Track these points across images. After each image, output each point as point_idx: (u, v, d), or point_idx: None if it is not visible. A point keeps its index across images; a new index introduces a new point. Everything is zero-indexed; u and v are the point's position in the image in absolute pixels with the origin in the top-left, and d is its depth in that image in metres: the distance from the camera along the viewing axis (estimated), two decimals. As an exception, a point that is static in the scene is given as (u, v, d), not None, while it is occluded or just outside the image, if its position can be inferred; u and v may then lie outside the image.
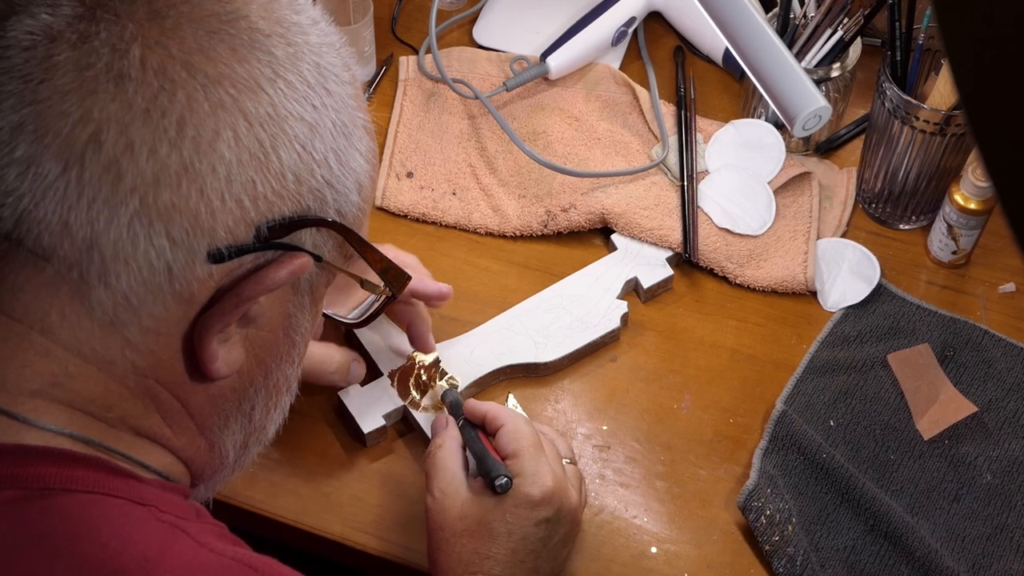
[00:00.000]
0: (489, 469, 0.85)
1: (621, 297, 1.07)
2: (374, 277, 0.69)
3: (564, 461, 0.89)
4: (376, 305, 0.76)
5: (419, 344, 1.00)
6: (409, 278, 0.71)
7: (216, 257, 0.58)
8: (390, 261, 0.68)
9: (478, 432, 0.90)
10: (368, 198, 0.66)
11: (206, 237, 0.57)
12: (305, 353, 0.70)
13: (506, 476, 0.84)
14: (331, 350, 0.95)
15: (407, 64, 1.25)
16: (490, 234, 1.13)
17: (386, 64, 1.26)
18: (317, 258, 0.63)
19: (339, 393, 0.99)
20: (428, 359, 1.01)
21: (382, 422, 0.98)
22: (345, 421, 1.00)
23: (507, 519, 0.83)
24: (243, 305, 0.60)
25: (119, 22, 0.57)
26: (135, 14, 0.57)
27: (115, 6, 0.57)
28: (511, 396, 1.00)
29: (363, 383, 1.00)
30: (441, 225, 1.14)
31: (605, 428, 1.01)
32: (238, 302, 0.60)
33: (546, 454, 0.87)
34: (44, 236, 0.56)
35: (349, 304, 0.91)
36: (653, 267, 1.09)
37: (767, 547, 0.93)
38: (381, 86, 1.25)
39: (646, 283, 1.07)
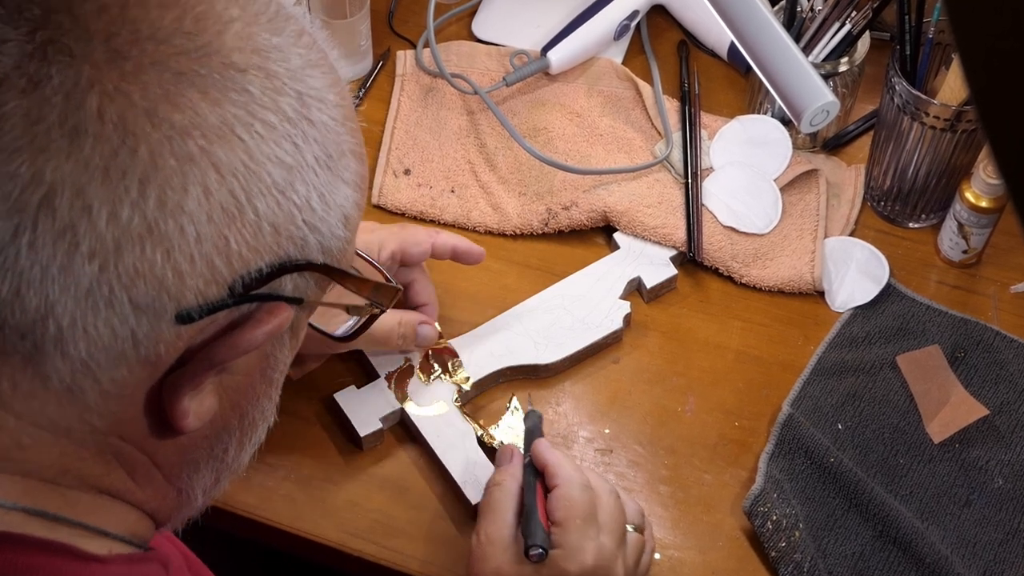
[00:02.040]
0: (528, 533, 0.83)
1: (624, 297, 1.07)
2: (358, 300, 0.67)
3: (629, 528, 0.88)
4: (363, 321, 0.72)
5: (425, 306, 1.00)
6: (398, 292, 0.68)
7: (185, 319, 0.54)
8: (376, 282, 0.65)
9: (537, 481, 0.88)
10: (355, 227, 0.62)
11: (173, 300, 0.53)
12: (283, 381, 0.66)
13: (542, 547, 0.82)
14: (391, 321, 0.95)
15: (404, 59, 1.25)
16: (489, 232, 1.13)
17: (383, 59, 1.26)
18: (298, 300, 0.59)
19: (335, 395, 1.00)
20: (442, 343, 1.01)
21: (379, 425, 0.98)
22: (341, 424, 1.00)
23: None
24: (214, 368, 0.57)
25: (74, 64, 0.51)
26: (92, 54, 0.52)
27: (69, 44, 0.52)
28: (515, 398, 1.00)
29: (359, 385, 1.00)
30: (439, 223, 1.14)
31: (607, 431, 1.01)
32: (210, 365, 0.56)
33: (598, 525, 0.84)
34: None
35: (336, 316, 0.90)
36: (656, 266, 1.09)
37: (773, 553, 0.93)
38: (378, 81, 1.25)
39: (649, 283, 1.08)
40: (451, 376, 1.00)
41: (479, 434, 0.98)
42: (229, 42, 0.54)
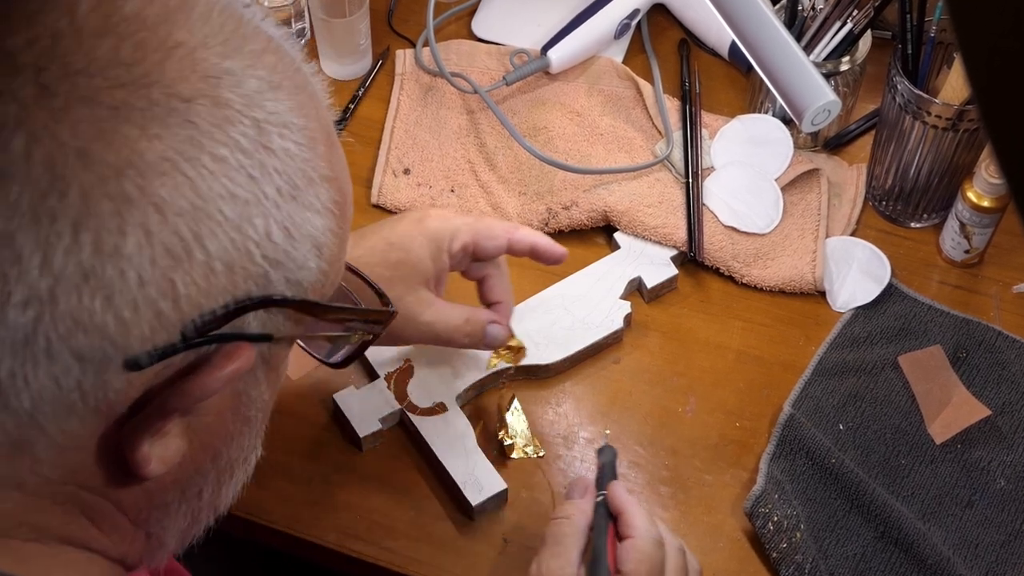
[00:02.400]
0: None
1: (624, 297, 1.07)
2: (339, 328, 0.63)
3: None
4: (355, 348, 0.67)
5: (498, 304, 0.95)
6: (392, 315, 0.64)
7: (133, 366, 0.51)
8: (364, 309, 0.62)
9: (609, 524, 0.85)
10: (332, 254, 0.57)
11: (119, 349, 0.50)
12: (268, 416, 0.62)
13: None
14: (457, 319, 0.92)
15: (404, 58, 1.25)
16: (489, 232, 1.13)
17: (382, 58, 1.26)
18: (266, 337, 0.55)
19: (335, 396, 0.99)
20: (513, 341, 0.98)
21: (378, 426, 0.98)
22: (340, 424, 1.00)
23: None
24: (172, 415, 0.53)
25: (0, 102, 0.48)
26: (19, 91, 0.48)
27: None
28: (516, 400, 1.00)
29: (359, 386, 1.00)
30: (439, 223, 1.14)
31: (608, 432, 1.01)
32: (165, 414, 0.53)
33: None
34: None
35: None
36: (657, 266, 1.09)
37: (775, 554, 0.93)
38: (377, 80, 1.25)
39: (650, 283, 1.08)
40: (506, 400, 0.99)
41: (499, 435, 0.98)
42: (172, 70, 0.50)
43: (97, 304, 0.49)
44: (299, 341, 0.63)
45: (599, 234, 1.13)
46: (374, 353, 1.02)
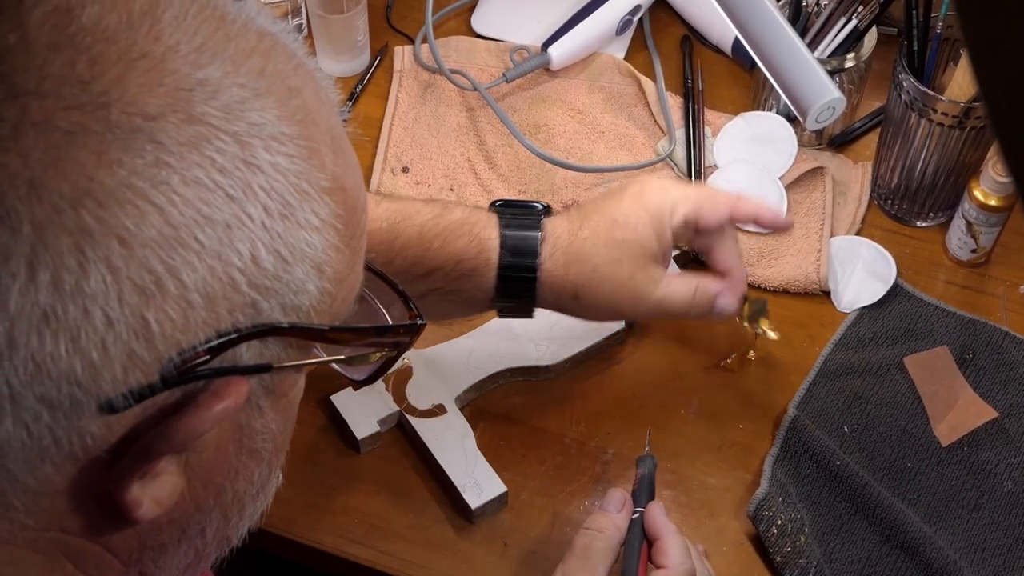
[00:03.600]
0: None
1: (626, 297, 1.07)
2: (362, 349, 0.59)
3: None
4: (382, 363, 0.61)
5: (728, 272, 0.94)
6: (421, 328, 0.58)
7: (108, 409, 0.47)
8: (381, 326, 0.58)
9: (643, 545, 0.84)
10: (337, 272, 0.52)
11: (92, 394, 0.46)
12: (286, 444, 0.59)
13: None
14: (686, 292, 0.91)
15: (402, 54, 1.25)
16: (489, 232, 1.13)
17: (380, 54, 1.26)
18: (264, 368, 0.51)
19: (332, 397, 1.00)
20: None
21: (376, 427, 0.98)
22: (337, 426, 1.00)
23: None
24: (159, 458, 0.49)
25: None
26: None
27: None
28: (648, 432, 0.97)
29: (356, 387, 1.00)
30: (438, 222, 1.14)
31: (609, 434, 1.01)
32: (150, 457, 0.49)
33: None
34: None
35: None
36: (659, 266, 1.09)
37: (779, 558, 0.93)
38: (375, 77, 1.25)
39: (652, 283, 1.07)
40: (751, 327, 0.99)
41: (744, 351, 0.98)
42: (135, 85, 0.46)
43: (61, 347, 0.45)
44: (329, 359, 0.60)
45: (600, 233, 1.13)
46: (372, 354, 1.02)
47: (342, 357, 0.58)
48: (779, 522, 0.94)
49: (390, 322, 0.60)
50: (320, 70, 0.54)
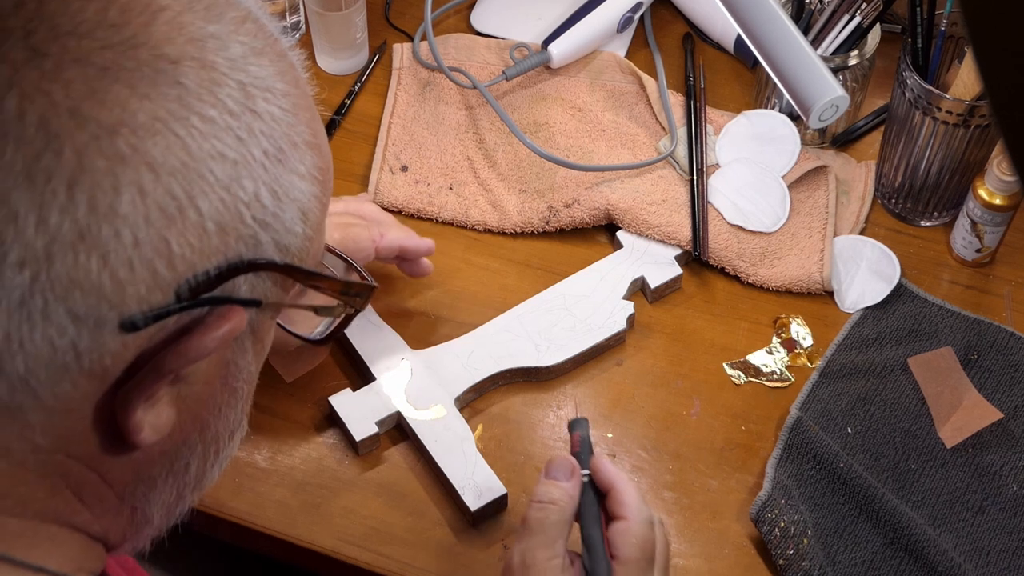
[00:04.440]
0: (596, 572, 0.79)
1: (627, 297, 1.07)
2: (328, 300, 0.64)
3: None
4: (337, 323, 0.68)
5: (418, 272, 1.03)
6: (373, 289, 0.65)
7: (129, 327, 0.52)
8: (347, 280, 0.63)
9: (600, 510, 0.83)
10: (316, 222, 0.59)
11: (115, 308, 0.51)
12: (252, 392, 0.64)
13: None
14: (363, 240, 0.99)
15: (401, 52, 1.25)
16: (489, 231, 1.13)
17: (379, 52, 1.26)
18: (255, 303, 0.57)
19: (330, 399, 1.00)
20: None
21: (375, 429, 0.98)
22: (336, 428, 1.00)
23: None
24: (164, 378, 0.54)
25: None
26: (9, 53, 0.50)
27: None
28: (575, 402, 0.98)
29: (355, 388, 1.00)
30: (437, 221, 1.14)
31: (610, 435, 1.01)
32: (159, 376, 0.54)
33: (656, 567, 0.82)
34: None
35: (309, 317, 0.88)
36: (661, 266, 1.09)
37: (781, 561, 0.93)
38: (374, 75, 1.25)
39: (653, 283, 1.08)
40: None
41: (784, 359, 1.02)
42: (159, 32, 0.52)
43: (93, 263, 0.50)
44: (280, 322, 0.65)
45: (601, 233, 1.13)
46: (370, 355, 1.02)
47: (316, 304, 0.63)
48: (782, 525, 0.94)
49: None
50: (291, 47, 0.60)
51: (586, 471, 0.84)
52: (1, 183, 0.49)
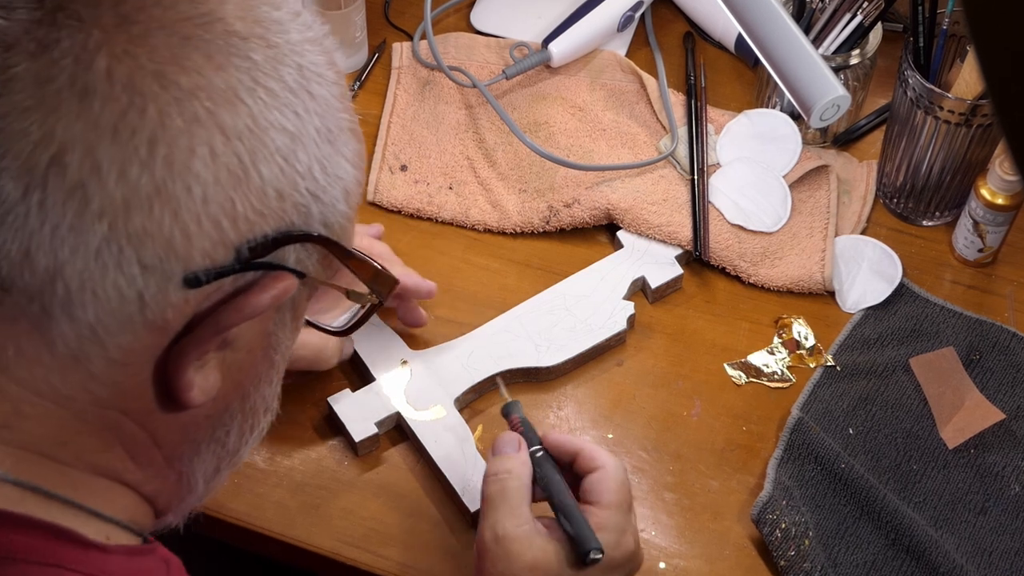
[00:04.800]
0: (583, 536, 0.81)
1: (628, 297, 1.07)
2: (359, 285, 0.68)
3: None
4: (362, 313, 0.73)
5: (412, 319, 1.03)
6: (397, 282, 0.69)
7: (192, 282, 0.56)
8: (378, 268, 0.67)
9: (565, 484, 0.85)
10: (355, 204, 0.64)
11: (181, 262, 0.56)
12: (283, 371, 0.68)
13: (601, 550, 0.80)
14: (335, 344, 0.98)
15: (401, 51, 1.25)
16: (489, 231, 1.13)
17: (378, 51, 1.26)
18: (300, 275, 0.61)
19: (329, 399, 1.00)
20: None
21: (374, 430, 0.98)
22: (335, 429, 1.00)
23: None
24: (221, 333, 0.58)
25: (83, 28, 0.54)
26: (100, 19, 0.54)
27: (78, 10, 0.55)
28: (500, 381, 0.99)
29: (354, 388, 1.00)
30: (437, 221, 1.14)
31: (610, 436, 1.01)
32: (217, 330, 0.58)
33: (632, 510, 0.85)
34: (3, 266, 0.54)
35: (332, 310, 0.91)
36: (662, 266, 1.09)
37: (782, 562, 0.93)
38: (373, 74, 1.25)
39: (654, 283, 1.08)
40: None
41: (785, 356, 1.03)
42: (231, 11, 0.57)
43: (166, 216, 0.55)
44: (307, 317, 0.69)
45: (602, 232, 1.13)
46: (370, 355, 1.02)
47: (347, 288, 0.67)
48: (783, 526, 0.94)
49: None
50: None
51: (537, 447, 0.86)
52: (88, 135, 0.53)
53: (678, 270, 1.09)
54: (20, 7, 0.55)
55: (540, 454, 0.86)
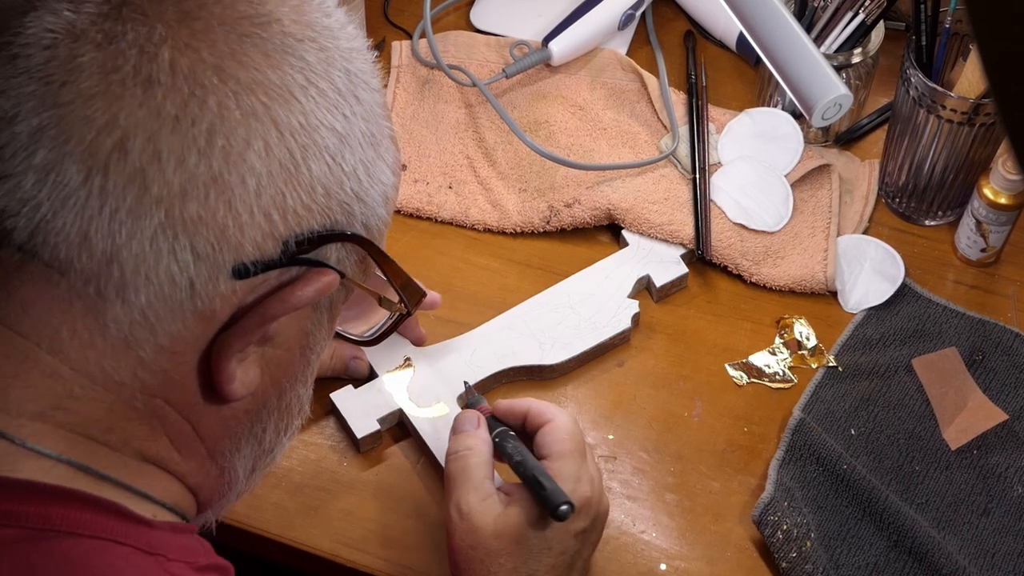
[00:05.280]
0: (553, 493, 0.82)
1: (632, 296, 1.07)
2: (391, 293, 0.70)
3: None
4: (390, 323, 0.76)
5: (412, 335, 1.03)
6: (424, 294, 0.72)
7: (241, 273, 0.59)
8: (409, 276, 0.70)
9: (524, 447, 0.87)
10: (391, 210, 0.67)
11: (232, 252, 0.58)
12: (315, 373, 0.71)
13: (570, 503, 0.82)
14: (324, 355, 0.98)
15: (400, 49, 1.25)
16: (488, 230, 1.14)
17: (378, 49, 1.26)
18: (340, 274, 0.63)
19: (332, 395, 1.00)
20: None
21: (377, 426, 0.98)
22: (335, 427, 1.00)
23: (546, 534, 0.83)
24: (266, 324, 0.61)
25: (147, 22, 0.57)
26: (164, 14, 0.57)
27: (143, 5, 0.57)
28: (466, 383, 0.99)
29: (357, 385, 1.01)
30: (436, 221, 1.14)
31: (611, 437, 1.01)
32: (262, 320, 0.60)
33: (587, 457, 0.87)
34: (61, 248, 0.57)
35: (355, 320, 0.92)
36: (667, 264, 1.09)
37: (784, 564, 0.93)
38: (372, 73, 1.25)
39: (659, 281, 1.08)
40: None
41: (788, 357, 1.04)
42: (287, 15, 0.60)
43: (220, 206, 0.57)
44: (337, 327, 0.72)
45: (602, 232, 1.13)
46: (373, 352, 1.02)
47: (380, 294, 0.69)
48: (785, 527, 0.94)
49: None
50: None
51: (499, 428, 0.89)
52: (150, 123, 0.56)
53: (683, 269, 1.09)
54: (88, 1, 0.57)
55: (499, 431, 0.89)
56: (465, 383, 0.97)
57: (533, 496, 0.84)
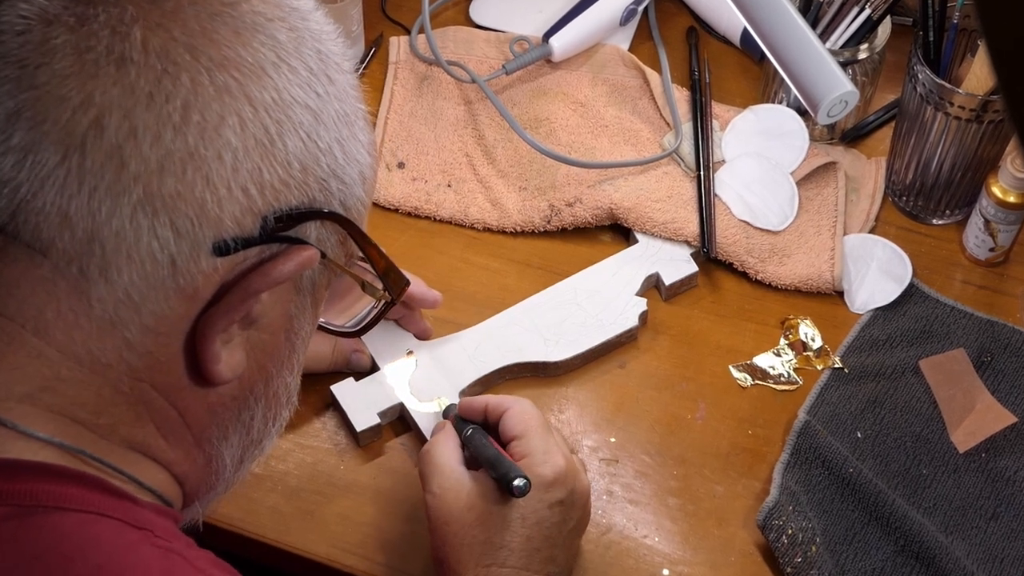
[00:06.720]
0: (506, 470, 0.85)
1: (640, 294, 1.07)
2: (374, 279, 0.71)
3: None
4: (374, 312, 0.78)
5: (416, 328, 1.04)
6: (408, 283, 0.73)
7: (222, 249, 0.60)
8: (391, 262, 0.70)
9: (488, 437, 0.90)
10: (370, 192, 0.68)
11: (212, 228, 0.59)
12: (303, 364, 0.72)
13: (525, 477, 0.84)
14: (326, 347, 1.01)
15: (398, 45, 1.25)
16: (488, 230, 1.14)
17: (375, 45, 1.26)
18: (321, 254, 0.65)
19: (332, 388, 1.00)
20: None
21: (377, 420, 0.99)
22: (334, 427, 1.00)
23: (520, 504, 0.85)
24: (248, 300, 0.62)
25: (118, 4, 0.59)
26: None
27: None
28: (452, 405, 0.99)
29: (358, 378, 1.01)
30: (435, 220, 1.14)
31: (613, 440, 1.01)
32: (244, 296, 0.61)
33: (554, 435, 0.89)
34: (43, 228, 0.58)
35: (342, 313, 0.94)
36: (677, 263, 1.09)
37: (789, 569, 0.93)
38: (370, 69, 1.25)
39: (668, 280, 1.07)
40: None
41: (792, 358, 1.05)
42: None
43: (198, 181, 0.59)
44: (321, 320, 0.73)
45: (604, 231, 1.13)
46: (375, 344, 1.02)
47: (362, 278, 0.70)
48: (789, 531, 0.94)
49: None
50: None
51: (467, 427, 0.92)
52: (125, 100, 0.57)
53: (693, 267, 1.09)
54: None
55: (470, 431, 0.91)
56: (450, 406, 0.98)
57: (493, 479, 0.86)
